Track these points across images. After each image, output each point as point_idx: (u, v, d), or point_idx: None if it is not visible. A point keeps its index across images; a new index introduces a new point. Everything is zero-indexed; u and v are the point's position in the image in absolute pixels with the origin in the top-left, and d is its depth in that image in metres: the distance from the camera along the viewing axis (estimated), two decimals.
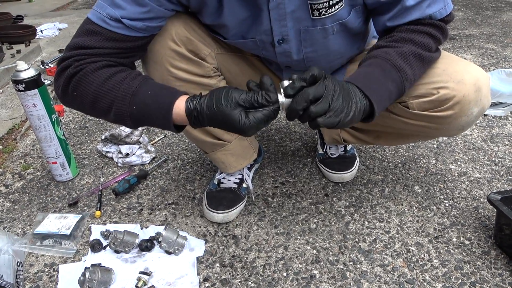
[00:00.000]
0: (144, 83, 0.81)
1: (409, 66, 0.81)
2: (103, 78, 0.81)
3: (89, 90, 0.81)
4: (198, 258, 1.03)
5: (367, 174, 1.35)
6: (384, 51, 0.83)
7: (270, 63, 1.12)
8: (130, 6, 0.81)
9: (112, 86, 0.80)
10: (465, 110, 0.88)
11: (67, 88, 0.83)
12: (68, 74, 0.82)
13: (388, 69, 0.80)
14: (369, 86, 0.77)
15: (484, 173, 1.33)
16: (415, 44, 0.83)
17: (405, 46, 0.82)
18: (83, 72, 0.81)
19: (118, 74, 0.82)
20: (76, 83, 0.82)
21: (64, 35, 3.33)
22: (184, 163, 1.46)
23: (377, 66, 0.81)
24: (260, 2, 0.86)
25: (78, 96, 0.83)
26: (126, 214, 1.21)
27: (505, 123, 1.65)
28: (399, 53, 0.81)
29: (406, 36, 0.84)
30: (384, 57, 0.81)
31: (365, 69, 0.82)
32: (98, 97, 0.81)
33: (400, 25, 0.86)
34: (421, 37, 0.83)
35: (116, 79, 0.81)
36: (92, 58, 0.82)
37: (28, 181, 1.40)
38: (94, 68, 0.81)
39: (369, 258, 1.02)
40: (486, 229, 1.09)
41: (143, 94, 0.80)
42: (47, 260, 1.05)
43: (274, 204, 1.22)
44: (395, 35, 0.85)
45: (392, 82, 0.80)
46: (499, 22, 3.16)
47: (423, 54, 0.83)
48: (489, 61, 2.34)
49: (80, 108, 0.86)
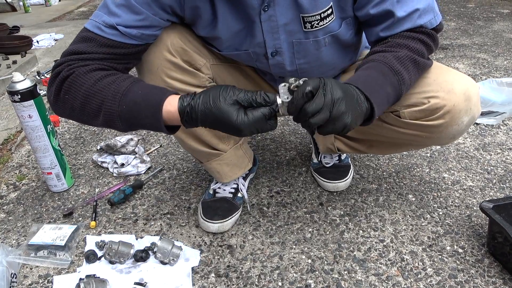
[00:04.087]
0: (136, 83, 0.80)
1: (406, 70, 0.82)
2: (94, 79, 0.80)
3: (80, 92, 0.80)
4: (193, 268, 1.03)
5: (362, 183, 1.36)
6: (382, 55, 0.83)
7: (264, 74, 1.13)
8: (125, 14, 0.82)
9: (102, 87, 0.79)
10: (455, 119, 0.90)
11: (59, 92, 0.83)
12: (60, 78, 0.82)
13: (386, 72, 0.80)
14: (370, 88, 0.76)
15: (477, 181, 1.34)
16: (410, 50, 0.84)
17: (401, 51, 0.83)
18: (75, 75, 0.81)
19: (109, 77, 0.81)
20: (68, 86, 0.81)
21: (60, 45, 3.34)
22: (180, 173, 1.47)
23: (376, 69, 0.81)
24: (253, 14, 0.87)
25: (69, 99, 0.82)
26: (121, 224, 1.21)
27: (497, 131, 1.67)
28: (396, 57, 0.82)
29: (401, 41, 0.85)
30: (382, 61, 0.81)
31: (364, 72, 0.82)
32: (88, 98, 0.79)
33: (393, 35, 0.87)
34: (415, 43, 0.85)
35: (107, 81, 0.80)
36: (85, 62, 0.83)
37: (23, 192, 1.39)
38: (85, 70, 0.81)
39: (364, 267, 1.02)
40: (479, 237, 1.10)
41: (134, 93, 0.78)
42: (41, 272, 1.04)
43: (269, 213, 1.23)
44: (390, 41, 0.86)
45: (391, 85, 0.80)
46: (491, 32, 3.21)
47: (418, 60, 0.85)
48: (480, 70, 2.37)
49: (70, 113, 0.84)
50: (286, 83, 0.74)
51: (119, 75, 0.83)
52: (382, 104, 0.78)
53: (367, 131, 1.12)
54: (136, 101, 0.78)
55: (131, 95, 0.78)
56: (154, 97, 0.78)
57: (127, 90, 0.78)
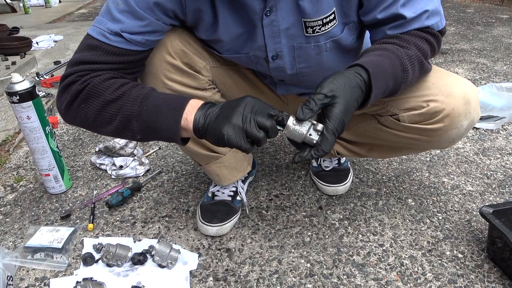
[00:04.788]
0: (156, 90, 0.82)
1: (413, 70, 0.82)
2: (114, 87, 0.80)
3: (99, 100, 0.80)
4: (191, 272, 1.02)
5: (361, 187, 1.35)
6: (396, 48, 0.82)
7: (264, 77, 1.13)
8: (129, 20, 0.82)
9: (123, 92, 0.80)
10: (454, 122, 0.90)
11: (72, 103, 0.82)
12: (75, 90, 0.81)
13: (396, 66, 0.80)
14: (378, 77, 0.76)
15: (476, 186, 1.34)
16: (419, 49, 0.84)
17: (412, 49, 0.83)
18: (92, 85, 0.81)
19: (129, 84, 0.82)
20: (85, 96, 0.81)
21: (60, 47, 3.34)
22: (178, 175, 1.46)
23: (389, 60, 0.80)
24: (255, 18, 0.87)
25: (85, 108, 0.82)
26: (119, 227, 1.20)
27: (497, 136, 1.67)
28: (407, 55, 0.82)
29: (410, 39, 0.85)
30: (396, 53, 0.81)
31: (377, 58, 0.80)
32: (108, 105, 0.80)
33: (401, 32, 0.87)
34: (422, 42, 0.85)
35: (127, 87, 0.81)
36: (97, 72, 0.83)
37: (20, 194, 1.39)
38: (101, 80, 0.81)
39: (363, 272, 1.01)
40: (479, 242, 1.09)
41: (155, 97, 0.79)
42: (38, 274, 1.04)
43: (268, 217, 1.22)
44: (399, 36, 0.86)
45: (394, 79, 0.80)
46: (490, 37, 3.22)
47: (424, 62, 0.85)
48: (480, 75, 2.37)
49: (82, 121, 0.84)
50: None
51: (137, 83, 0.83)
52: (378, 94, 0.79)
53: (367, 135, 1.12)
54: (158, 104, 0.78)
55: (152, 99, 0.79)
56: (177, 100, 0.78)
57: (149, 94, 0.79)
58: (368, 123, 1.07)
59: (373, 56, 0.81)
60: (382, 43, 0.86)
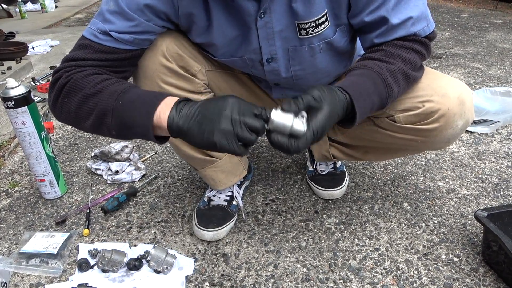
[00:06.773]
0: (135, 87, 0.81)
1: (396, 84, 0.84)
2: (94, 82, 0.80)
3: (79, 94, 0.81)
4: (187, 277, 1.02)
5: (357, 191, 1.35)
6: (376, 64, 0.84)
7: (259, 81, 1.13)
8: (118, 21, 0.84)
9: (102, 88, 0.80)
10: (450, 122, 0.91)
11: (58, 98, 0.84)
12: (59, 85, 0.83)
13: (378, 83, 0.81)
14: (359, 98, 0.78)
15: (471, 190, 1.35)
16: (403, 61, 0.85)
17: (395, 63, 0.84)
18: (74, 79, 0.82)
19: (109, 80, 0.82)
20: (67, 90, 0.82)
21: (56, 52, 3.34)
22: (174, 180, 1.46)
23: (369, 78, 0.82)
24: (249, 21, 0.88)
25: (67, 102, 0.82)
26: (114, 232, 1.19)
27: (491, 140, 1.68)
28: (389, 70, 0.83)
29: (395, 52, 0.86)
30: (376, 71, 0.82)
31: (357, 78, 0.83)
32: (86, 99, 0.79)
33: (387, 41, 0.88)
34: (408, 53, 0.86)
35: (107, 83, 0.81)
36: (82, 68, 0.84)
37: (15, 199, 1.38)
38: (83, 75, 0.82)
39: (359, 276, 1.01)
40: (474, 246, 1.10)
41: (132, 93, 0.78)
42: (32, 280, 1.03)
43: (264, 221, 1.22)
44: (384, 49, 0.87)
45: (378, 96, 0.82)
46: (484, 42, 3.25)
47: (409, 74, 0.86)
48: (474, 79, 2.39)
49: (66, 116, 0.84)
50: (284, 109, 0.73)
51: (119, 80, 0.84)
52: (365, 112, 0.81)
53: (362, 137, 1.12)
54: (133, 99, 0.77)
55: (130, 94, 0.78)
56: (152, 96, 0.77)
57: (127, 90, 0.78)
58: (364, 126, 1.08)
59: (355, 76, 0.84)
60: (365, 59, 0.88)
